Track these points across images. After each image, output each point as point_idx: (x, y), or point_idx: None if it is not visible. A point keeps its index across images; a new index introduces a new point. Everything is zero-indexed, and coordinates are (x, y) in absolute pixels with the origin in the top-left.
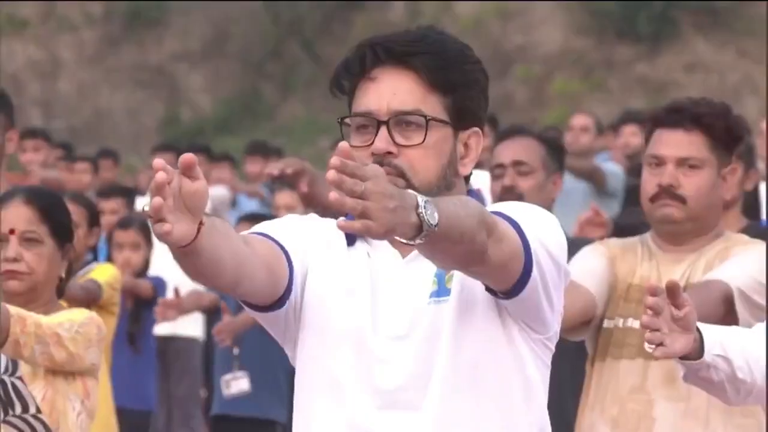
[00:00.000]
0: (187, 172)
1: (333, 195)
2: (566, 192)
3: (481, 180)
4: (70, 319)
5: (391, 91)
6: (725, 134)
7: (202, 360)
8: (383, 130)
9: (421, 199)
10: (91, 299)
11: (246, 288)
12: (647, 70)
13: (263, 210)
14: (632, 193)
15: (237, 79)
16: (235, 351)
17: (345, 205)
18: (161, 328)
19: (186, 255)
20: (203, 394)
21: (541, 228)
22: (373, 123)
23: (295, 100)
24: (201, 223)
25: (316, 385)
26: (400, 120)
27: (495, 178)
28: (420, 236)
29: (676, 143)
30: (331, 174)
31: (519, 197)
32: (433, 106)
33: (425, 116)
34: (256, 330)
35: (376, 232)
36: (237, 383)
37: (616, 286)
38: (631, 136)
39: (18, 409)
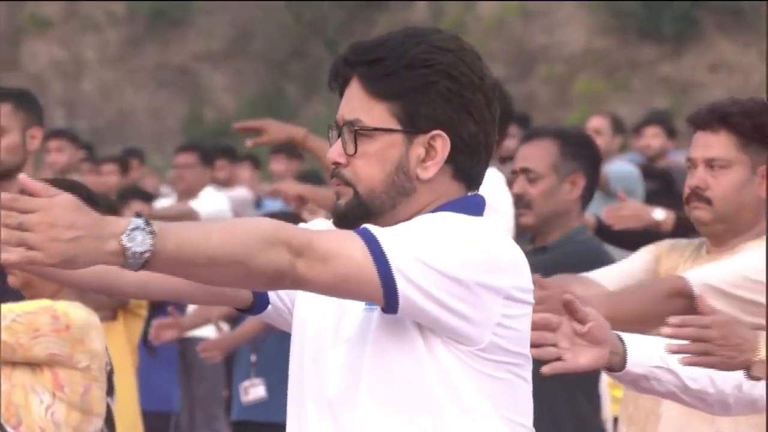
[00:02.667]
0: None
1: None
2: None
3: (488, 179)
4: (10, 309)
5: (347, 100)
6: (756, 132)
7: (224, 361)
8: (338, 140)
9: (132, 225)
10: (118, 302)
11: (156, 294)
12: (670, 70)
13: (288, 209)
14: (649, 197)
15: (260, 78)
16: (253, 358)
17: None
18: None
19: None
20: (225, 395)
21: (428, 243)
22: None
23: (318, 100)
24: None
25: (290, 390)
26: (348, 129)
27: (511, 183)
28: (128, 263)
29: (704, 144)
30: None
31: (527, 205)
32: (379, 113)
33: (354, 128)
34: (273, 337)
35: (43, 262)
36: (255, 390)
37: None
38: (652, 137)
39: None
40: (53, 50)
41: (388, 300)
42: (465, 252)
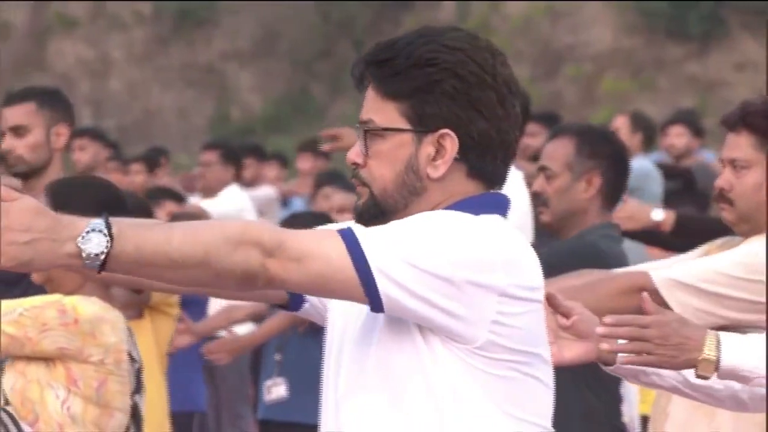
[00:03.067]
0: None
1: None
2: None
3: (512, 179)
4: (19, 304)
5: (365, 101)
6: None
7: (252, 359)
8: (359, 140)
9: (89, 228)
10: (141, 300)
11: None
12: (697, 69)
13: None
14: (669, 198)
15: (287, 78)
16: (277, 357)
17: None
18: None
19: None
20: (252, 394)
21: (414, 242)
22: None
23: (345, 100)
24: None
25: (322, 390)
26: (362, 130)
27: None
28: (85, 265)
29: (728, 145)
30: None
31: (544, 203)
32: (389, 113)
33: (365, 129)
34: (298, 337)
35: (1, 266)
36: (277, 389)
37: None
38: (676, 137)
39: (1, 401)
40: (80, 49)
41: (372, 300)
42: (453, 250)
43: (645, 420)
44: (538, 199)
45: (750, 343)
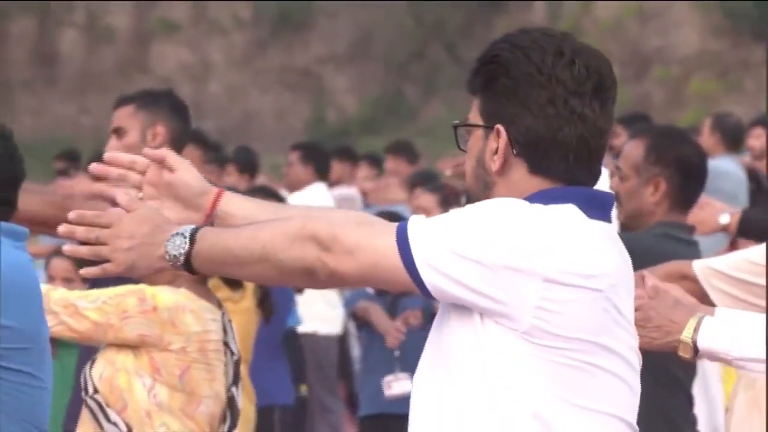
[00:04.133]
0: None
1: (65, 247)
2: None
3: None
4: (102, 292)
5: None
6: None
7: (339, 357)
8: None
9: (176, 231)
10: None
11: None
12: None
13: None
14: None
15: (381, 80)
16: (396, 353)
17: (79, 254)
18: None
19: None
20: (343, 390)
21: (458, 231)
22: None
23: (438, 101)
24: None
25: None
26: None
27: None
28: (171, 265)
29: None
30: (61, 228)
31: (619, 201)
32: (474, 109)
33: (453, 125)
34: (414, 331)
35: (113, 271)
36: (399, 384)
37: None
38: (755, 138)
39: (90, 390)
40: (181, 53)
41: (420, 288)
42: (494, 235)
43: None
44: (615, 198)
45: (729, 324)
